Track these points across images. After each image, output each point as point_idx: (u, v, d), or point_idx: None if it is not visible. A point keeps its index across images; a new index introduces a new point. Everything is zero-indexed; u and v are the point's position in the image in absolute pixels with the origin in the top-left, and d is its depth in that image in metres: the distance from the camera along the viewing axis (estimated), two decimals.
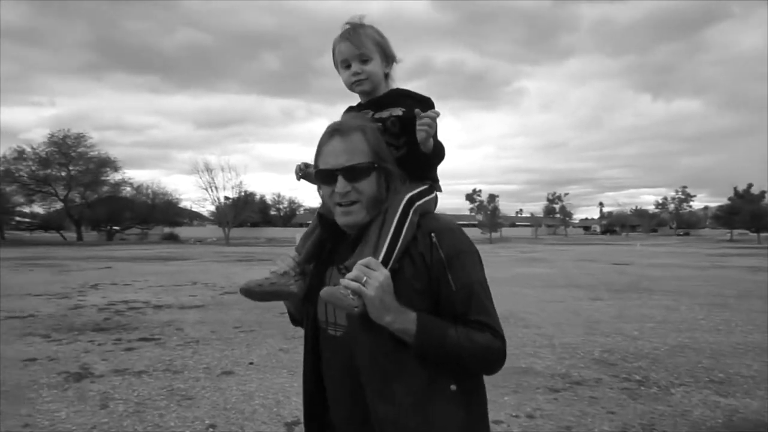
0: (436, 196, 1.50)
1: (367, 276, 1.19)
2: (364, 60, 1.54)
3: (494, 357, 1.29)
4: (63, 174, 52.54)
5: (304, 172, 1.59)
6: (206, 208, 63.11)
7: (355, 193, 1.31)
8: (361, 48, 1.52)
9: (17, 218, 54.99)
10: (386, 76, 1.59)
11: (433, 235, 1.33)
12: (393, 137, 1.50)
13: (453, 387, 1.29)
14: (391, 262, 1.28)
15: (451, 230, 1.37)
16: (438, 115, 1.42)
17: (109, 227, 57.83)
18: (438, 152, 1.48)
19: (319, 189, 1.43)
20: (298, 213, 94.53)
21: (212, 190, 55.91)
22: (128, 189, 59.67)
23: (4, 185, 48.76)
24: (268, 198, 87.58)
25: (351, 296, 1.18)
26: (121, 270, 17.74)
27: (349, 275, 1.21)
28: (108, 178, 56.10)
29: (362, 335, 1.27)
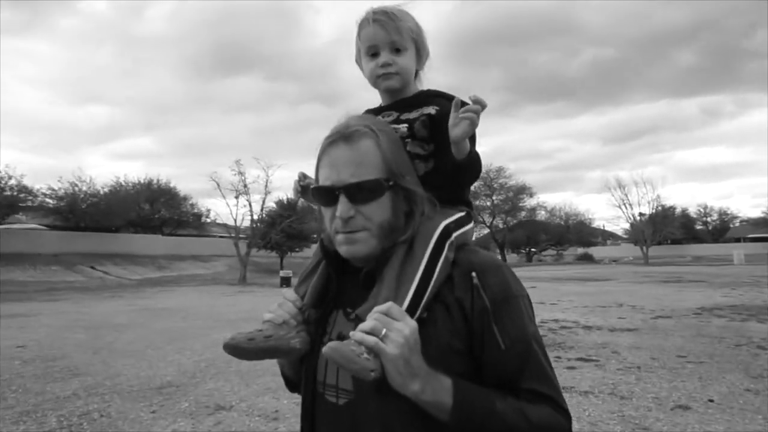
0: (473, 226, 1.19)
1: (388, 328, 0.89)
2: (397, 50, 1.25)
3: None
4: (488, 204, 60.23)
5: (303, 186, 1.25)
6: (620, 227, 61.06)
7: (361, 219, 1.02)
8: (394, 35, 1.23)
9: None
10: (416, 74, 1.30)
11: (474, 274, 1.01)
12: (420, 144, 1.20)
13: None
14: (420, 309, 0.98)
15: (498, 267, 1.05)
16: (485, 106, 1.09)
17: (528, 249, 62.71)
18: (474, 163, 1.15)
19: (318, 210, 1.14)
20: (732, 226, 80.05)
21: (626, 207, 53.74)
22: (543, 212, 63.58)
23: None
24: (692, 211, 77.47)
25: (365, 355, 0.87)
26: (545, 290, 18.76)
27: (363, 326, 0.90)
28: (525, 204, 61.17)
29: (373, 405, 0.97)
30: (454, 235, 1.07)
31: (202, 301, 16.72)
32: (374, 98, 1.38)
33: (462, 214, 1.17)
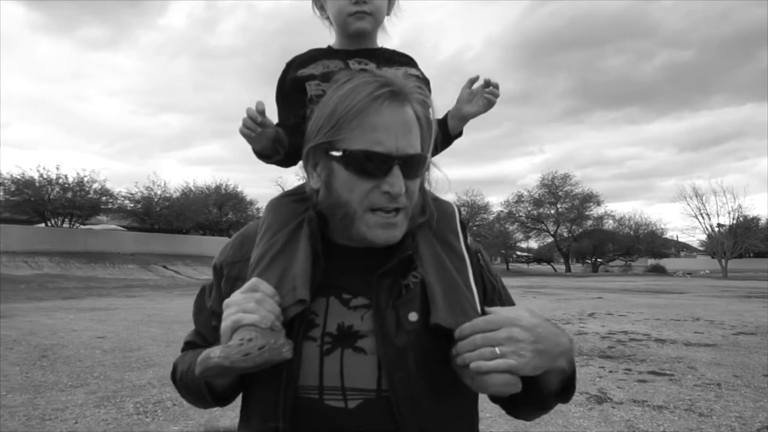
0: None
1: (499, 344, 0.79)
2: None
3: None
4: (552, 212, 58.51)
5: (261, 123, 1.00)
6: (696, 237, 57.74)
7: (404, 198, 0.88)
8: None
9: (518, 252, 64.97)
10: None
11: (480, 255, 1.02)
12: None
13: None
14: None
15: (480, 247, 1.05)
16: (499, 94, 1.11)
17: (593, 259, 60.35)
18: (458, 137, 1.17)
19: (321, 173, 0.91)
20: None
21: (703, 218, 50.66)
22: (611, 222, 61.03)
23: (508, 225, 58.51)
24: None
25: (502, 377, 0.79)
26: (612, 300, 17.96)
27: (470, 354, 0.80)
28: (591, 212, 58.95)
29: (413, 404, 0.84)
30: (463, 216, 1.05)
31: None
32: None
33: None
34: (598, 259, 60.51)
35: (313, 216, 0.93)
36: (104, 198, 33.73)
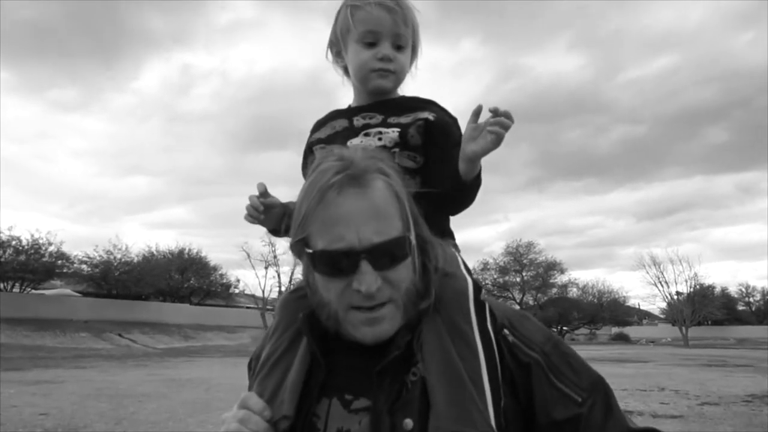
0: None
1: None
2: (399, 46, 1.06)
3: None
4: (518, 279, 59.06)
5: (266, 204, 0.99)
6: (656, 305, 58.85)
7: (387, 289, 0.79)
8: (401, 25, 1.04)
9: None
10: None
11: (506, 332, 0.86)
12: (411, 156, 1.02)
13: None
14: (502, 406, 0.80)
15: (523, 315, 0.91)
16: (512, 122, 0.90)
17: (559, 327, 60.60)
18: (477, 187, 0.99)
19: (304, 271, 0.87)
20: None
21: (662, 285, 52.00)
22: (575, 289, 61.91)
23: None
24: (733, 290, 74.33)
25: None
26: None
27: None
28: (555, 280, 59.79)
29: None
30: (483, 293, 0.88)
31: (226, 372, 16.44)
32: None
33: (459, 255, 0.98)
34: (564, 328, 60.80)
35: (305, 316, 0.87)
36: (60, 261, 32.45)
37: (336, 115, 1.15)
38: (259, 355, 0.97)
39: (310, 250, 0.81)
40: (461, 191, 1.00)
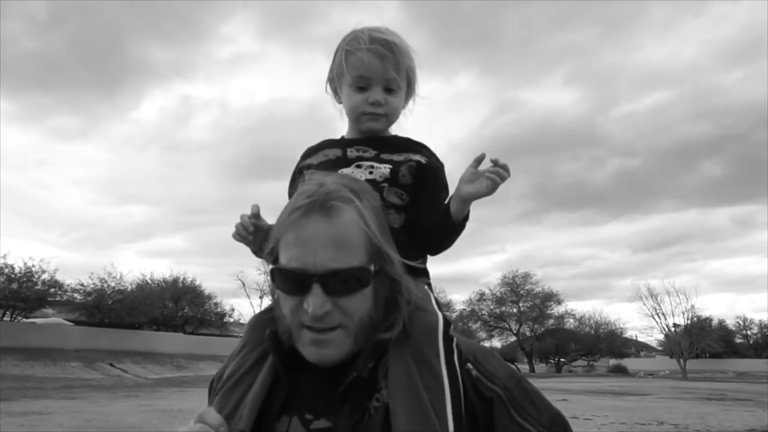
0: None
1: None
2: (390, 89, 1.12)
3: None
4: (514, 310, 58.68)
5: (257, 226, 1.04)
6: (654, 337, 58.32)
7: (338, 314, 0.82)
8: (392, 71, 1.09)
9: None
10: None
11: (469, 365, 0.88)
12: (398, 193, 1.07)
13: None
14: None
15: (489, 352, 0.93)
16: (509, 174, 1.01)
17: (557, 359, 59.95)
18: (462, 228, 1.07)
19: (271, 286, 0.91)
20: None
21: (659, 317, 51.71)
22: (571, 320, 61.49)
23: (471, 323, 58.21)
24: (730, 323, 73.92)
25: None
26: (577, 403, 17.64)
27: None
28: (552, 311, 59.41)
29: None
30: (452, 328, 0.92)
31: None
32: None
33: (432, 292, 1.03)
34: (561, 359, 60.12)
35: (272, 333, 0.89)
36: (52, 290, 32.09)
37: (329, 144, 1.19)
38: (221, 375, 0.98)
39: (272, 266, 0.85)
40: (448, 229, 1.06)
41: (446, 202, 1.09)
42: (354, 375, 0.82)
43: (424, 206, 1.07)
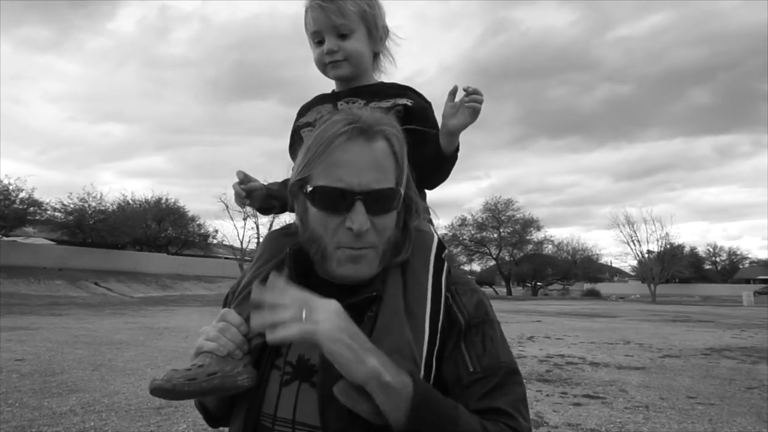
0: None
1: (307, 308, 0.77)
2: (342, 34, 1.17)
3: None
4: (495, 236, 60.03)
5: (247, 191, 1.10)
6: (628, 263, 60.62)
7: (372, 234, 0.88)
8: (337, 18, 1.15)
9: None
10: (375, 56, 1.24)
11: (449, 294, 0.93)
12: None
13: None
14: (437, 345, 0.87)
15: (472, 289, 0.96)
16: (483, 98, 1.07)
17: (533, 283, 62.22)
18: (454, 160, 1.14)
19: (298, 210, 0.95)
20: (741, 267, 79.29)
21: (634, 244, 53.34)
22: (550, 246, 63.27)
23: (452, 247, 59.58)
24: (701, 250, 76.84)
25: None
26: (551, 324, 18.49)
27: (281, 316, 0.76)
28: (532, 237, 60.92)
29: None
30: (446, 252, 0.98)
31: (204, 321, 16.55)
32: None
33: (430, 217, 1.10)
34: (538, 283, 62.41)
35: (292, 251, 0.96)
36: (32, 209, 31.74)
37: (321, 99, 1.25)
38: (236, 288, 1.04)
39: (311, 187, 0.88)
40: (442, 163, 1.13)
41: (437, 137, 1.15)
42: (374, 294, 0.88)
43: (417, 145, 1.09)
